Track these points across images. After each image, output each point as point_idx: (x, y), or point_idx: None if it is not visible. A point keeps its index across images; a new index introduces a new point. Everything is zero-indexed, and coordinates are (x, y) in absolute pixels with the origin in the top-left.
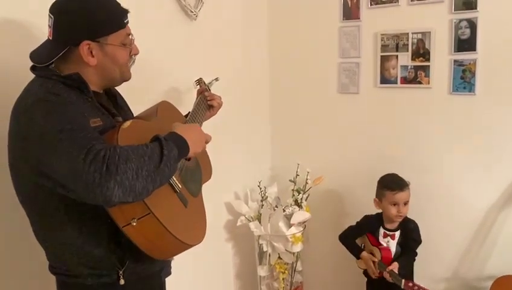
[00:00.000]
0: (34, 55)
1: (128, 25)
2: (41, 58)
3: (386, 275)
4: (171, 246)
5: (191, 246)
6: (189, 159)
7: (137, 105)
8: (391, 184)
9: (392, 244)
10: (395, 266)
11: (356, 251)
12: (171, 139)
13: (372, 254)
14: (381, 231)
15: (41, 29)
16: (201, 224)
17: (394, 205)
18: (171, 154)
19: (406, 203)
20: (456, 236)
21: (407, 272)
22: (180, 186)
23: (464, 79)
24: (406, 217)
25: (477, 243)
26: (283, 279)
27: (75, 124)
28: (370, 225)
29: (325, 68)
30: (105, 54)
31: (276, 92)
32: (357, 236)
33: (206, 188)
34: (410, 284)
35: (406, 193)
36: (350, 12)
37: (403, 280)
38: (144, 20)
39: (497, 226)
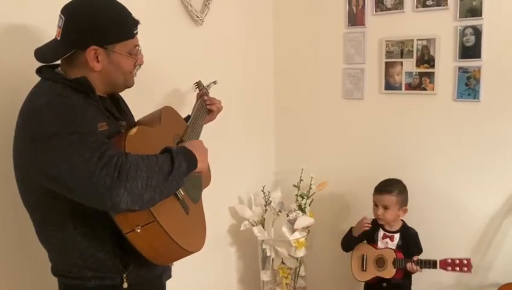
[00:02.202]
0: (39, 53)
1: (137, 35)
2: (47, 57)
3: (412, 267)
4: (173, 253)
5: (192, 253)
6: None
7: (142, 108)
8: (378, 185)
9: (391, 246)
10: (415, 257)
11: (352, 238)
12: (181, 153)
13: (382, 257)
14: (381, 232)
15: (44, 32)
16: (202, 230)
17: (376, 205)
18: (181, 168)
19: (386, 208)
20: (459, 243)
21: (406, 279)
22: (182, 193)
23: (468, 86)
24: (406, 224)
25: (480, 251)
26: (286, 284)
27: (85, 127)
28: (369, 229)
29: (329, 74)
30: (110, 61)
31: (280, 97)
32: (357, 241)
33: (211, 193)
34: (449, 260)
35: (385, 197)
36: (355, 18)
37: (438, 260)
38: (151, 25)
39: (501, 233)
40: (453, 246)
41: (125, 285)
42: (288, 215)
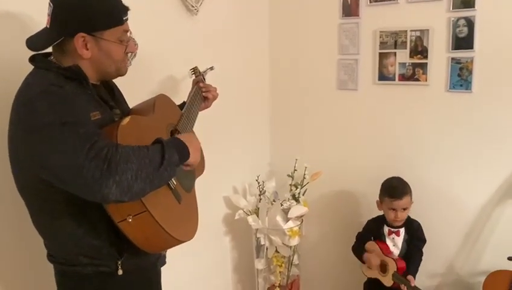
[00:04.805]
0: (30, 42)
1: (128, 21)
2: (37, 45)
3: (404, 288)
4: (164, 242)
5: (183, 242)
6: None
7: (137, 96)
8: (391, 190)
9: (398, 241)
10: (412, 280)
11: (361, 254)
12: (173, 144)
13: (385, 264)
14: (386, 229)
15: (38, 21)
16: (193, 220)
17: (392, 210)
18: (172, 159)
19: (404, 209)
20: (451, 232)
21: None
22: (175, 183)
23: (460, 77)
24: (409, 217)
25: (471, 240)
26: (280, 272)
27: (78, 117)
28: (373, 227)
29: (324, 65)
30: (100, 49)
31: (275, 88)
32: (365, 241)
33: (206, 182)
34: None
35: (405, 200)
36: (349, 9)
37: None
38: (145, 14)
39: (491, 222)
40: (444, 234)
41: (120, 272)
42: (282, 205)
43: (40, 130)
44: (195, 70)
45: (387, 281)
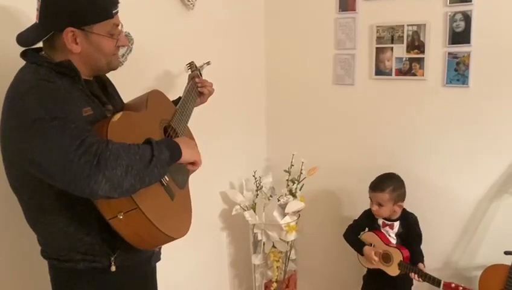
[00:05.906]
0: (20, 37)
1: (123, 16)
2: (27, 41)
3: (415, 276)
4: (156, 239)
5: (176, 238)
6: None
7: (131, 93)
8: (372, 182)
9: (391, 234)
10: (422, 268)
11: (358, 247)
12: (163, 143)
13: (389, 254)
14: (380, 221)
15: (33, 18)
16: (187, 217)
17: (371, 200)
18: (162, 156)
19: (380, 205)
20: (447, 227)
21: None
22: (167, 179)
23: (457, 71)
24: (405, 210)
25: (467, 234)
26: (277, 267)
27: (68, 113)
28: (369, 217)
29: (320, 59)
30: (90, 43)
31: (272, 83)
32: (359, 231)
33: (202, 178)
34: (453, 285)
35: (378, 195)
36: (346, 3)
37: (442, 281)
38: (141, 9)
39: (487, 217)
40: (441, 229)
41: (113, 268)
42: (279, 200)
43: (29, 125)
44: (191, 65)
45: (393, 271)
